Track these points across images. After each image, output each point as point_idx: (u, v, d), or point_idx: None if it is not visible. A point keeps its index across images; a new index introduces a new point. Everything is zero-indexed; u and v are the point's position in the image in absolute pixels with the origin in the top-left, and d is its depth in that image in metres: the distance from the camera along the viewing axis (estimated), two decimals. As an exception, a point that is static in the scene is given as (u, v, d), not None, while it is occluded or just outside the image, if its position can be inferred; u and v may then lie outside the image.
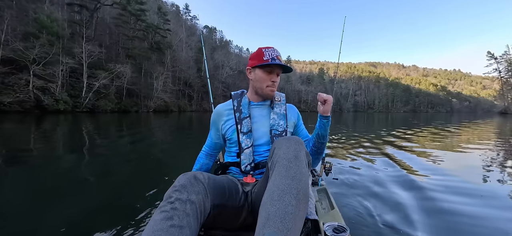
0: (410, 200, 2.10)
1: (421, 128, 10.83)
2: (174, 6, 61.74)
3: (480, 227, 1.65)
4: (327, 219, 1.17)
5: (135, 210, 1.82)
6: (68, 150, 4.69)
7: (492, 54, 63.73)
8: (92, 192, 2.38)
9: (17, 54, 18.85)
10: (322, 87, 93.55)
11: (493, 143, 5.89)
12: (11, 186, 2.52)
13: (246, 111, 1.12)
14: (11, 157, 3.84)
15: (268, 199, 0.65)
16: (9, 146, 4.78)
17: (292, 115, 1.21)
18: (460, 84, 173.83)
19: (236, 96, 1.19)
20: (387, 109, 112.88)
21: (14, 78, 18.84)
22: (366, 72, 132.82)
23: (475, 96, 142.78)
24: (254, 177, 1.04)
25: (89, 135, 6.81)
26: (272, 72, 1.12)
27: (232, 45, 79.41)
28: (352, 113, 64.87)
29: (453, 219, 1.76)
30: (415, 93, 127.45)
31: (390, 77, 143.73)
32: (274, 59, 1.09)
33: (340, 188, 2.36)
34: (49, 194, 2.29)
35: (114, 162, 3.79)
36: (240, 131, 1.09)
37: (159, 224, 0.60)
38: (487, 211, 1.90)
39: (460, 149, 5.05)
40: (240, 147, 1.07)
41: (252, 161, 1.05)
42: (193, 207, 0.66)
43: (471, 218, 1.77)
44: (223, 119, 1.17)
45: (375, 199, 2.10)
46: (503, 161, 3.88)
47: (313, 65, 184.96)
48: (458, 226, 1.66)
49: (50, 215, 1.78)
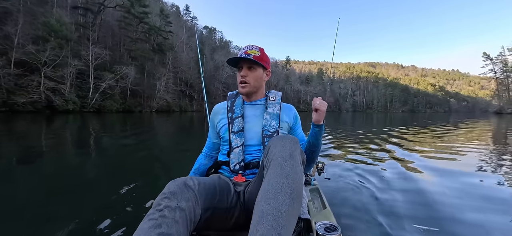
0: (402, 198, 2.14)
1: (418, 127, 11.09)
2: (174, 6, 62.73)
3: (478, 227, 1.67)
4: (319, 218, 1.19)
5: (133, 208, 1.89)
6: (80, 148, 5.02)
7: (487, 55, 64.95)
8: (100, 189, 2.51)
9: (29, 57, 19.90)
10: (321, 88, 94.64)
11: (483, 143, 6.07)
12: (24, 181, 2.68)
13: (239, 111, 1.13)
14: (26, 154, 4.13)
15: (263, 198, 0.65)
16: (25, 144, 5.18)
17: (287, 116, 1.17)
18: (459, 84, 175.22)
19: (231, 97, 1.22)
20: (386, 109, 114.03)
21: (27, 80, 19.90)
22: (365, 72, 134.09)
23: (473, 96, 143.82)
24: (244, 177, 1.04)
25: (96, 134, 7.34)
26: (242, 68, 1.12)
27: (231, 45, 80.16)
28: (351, 113, 65.74)
29: (445, 217, 1.79)
30: (414, 93, 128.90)
31: (389, 77, 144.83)
32: (242, 54, 1.10)
33: (332, 188, 2.37)
34: (57, 190, 2.45)
35: (118, 160, 3.98)
36: (231, 130, 1.10)
37: (147, 232, 0.59)
38: (480, 209, 1.93)
39: (453, 148, 5.11)
40: (231, 146, 1.08)
41: (241, 161, 1.05)
42: (183, 214, 0.66)
43: (465, 217, 1.80)
44: (219, 117, 1.19)
45: (367, 198, 2.13)
46: (495, 159, 4.02)
47: (312, 65, 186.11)
48: (450, 224, 1.68)
49: (56, 209, 1.92)
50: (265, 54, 1.15)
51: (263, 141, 1.06)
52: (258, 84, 1.15)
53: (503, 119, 21.76)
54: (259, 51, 1.12)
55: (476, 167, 3.44)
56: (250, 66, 1.11)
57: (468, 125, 13.27)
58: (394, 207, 1.95)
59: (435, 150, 4.89)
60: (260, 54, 1.12)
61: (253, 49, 1.12)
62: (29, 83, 19.97)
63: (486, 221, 1.72)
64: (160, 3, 51.25)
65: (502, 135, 8.07)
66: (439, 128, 10.68)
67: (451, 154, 4.43)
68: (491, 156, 4.31)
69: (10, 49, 19.57)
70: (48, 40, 21.80)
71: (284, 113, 1.16)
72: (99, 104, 26.03)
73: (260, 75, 1.14)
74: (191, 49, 50.28)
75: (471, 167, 3.43)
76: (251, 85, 1.12)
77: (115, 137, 6.96)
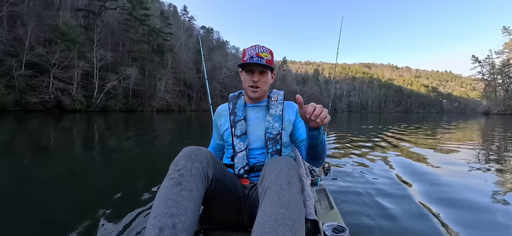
0: (410, 199, 2.11)
1: (416, 127, 11.61)
2: (171, 6, 63.56)
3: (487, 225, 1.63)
4: (327, 219, 1.18)
5: (134, 200, 1.98)
6: (88, 145, 5.42)
7: (476, 57, 67.48)
8: (105, 181, 2.70)
9: (41, 59, 21.11)
10: (317, 88, 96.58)
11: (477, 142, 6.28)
12: (37, 175, 2.85)
13: (241, 113, 1.11)
14: (38, 151, 4.43)
15: (259, 231, 0.59)
16: (41, 141, 5.57)
17: (291, 113, 1.13)
18: (451, 85, 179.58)
19: (233, 98, 1.19)
20: (380, 109, 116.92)
21: (38, 80, 21.08)
22: (360, 73, 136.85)
23: (465, 97, 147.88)
24: (249, 180, 1.05)
25: (102, 132, 7.87)
26: (253, 72, 1.07)
27: (229, 45, 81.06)
28: (346, 113, 67.30)
29: (452, 218, 1.74)
30: (407, 94, 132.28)
31: (383, 78, 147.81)
32: (252, 57, 1.04)
33: (339, 188, 2.35)
34: (66, 183, 2.62)
35: (120, 157, 4.21)
36: (234, 134, 1.08)
37: (170, 189, 0.67)
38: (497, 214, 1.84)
39: (452, 147, 5.28)
40: (234, 150, 1.07)
41: (246, 165, 1.04)
42: (198, 172, 0.73)
43: (475, 217, 1.76)
44: (222, 120, 1.17)
45: (374, 199, 2.09)
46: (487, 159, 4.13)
47: (309, 65, 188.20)
48: (459, 226, 1.62)
49: (59, 204, 2.00)
50: (273, 56, 1.11)
51: (266, 144, 1.05)
52: (267, 88, 1.13)
53: (490, 119, 22.64)
54: (269, 53, 1.07)
55: (495, 169, 3.32)
56: (262, 70, 1.08)
57: (467, 124, 14.08)
58: (403, 208, 1.90)
59: (442, 151, 4.84)
60: (270, 57, 1.07)
61: (264, 51, 1.06)
62: (40, 83, 21.15)
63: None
64: (157, 3, 52.18)
65: (490, 133, 8.66)
66: (433, 127, 11.44)
67: (452, 153, 4.55)
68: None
69: (21, 51, 20.70)
70: (57, 42, 22.97)
71: (287, 112, 1.13)
72: (103, 104, 27.24)
73: (269, 79, 1.12)
74: (189, 49, 51.20)
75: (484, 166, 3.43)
76: (262, 90, 1.09)
77: (125, 136, 7.46)
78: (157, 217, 0.62)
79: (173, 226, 0.61)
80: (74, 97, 23.55)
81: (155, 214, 0.63)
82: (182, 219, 0.63)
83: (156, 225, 0.60)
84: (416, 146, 5.49)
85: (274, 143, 1.05)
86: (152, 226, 0.60)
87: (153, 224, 0.60)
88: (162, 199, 0.65)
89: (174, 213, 0.63)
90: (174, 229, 0.60)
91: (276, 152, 1.05)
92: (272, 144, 1.05)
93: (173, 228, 0.60)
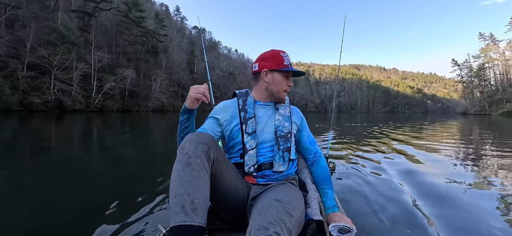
0: (417, 199, 2.09)
1: (416, 126, 12.13)
2: (163, 6, 63.94)
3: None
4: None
5: (134, 197, 2.07)
6: (89, 143, 5.59)
7: (456, 61, 71.93)
8: (105, 180, 2.81)
9: (42, 60, 21.97)
10: (308, 88, 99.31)
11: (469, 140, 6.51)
12: (36, 172, 2.91)
13: (251, 110, 1.12)
14: (41, 150, 4.52)
15: (256, 213, 0.68)
16: (43, 140, 5.71)
17: (296, 118, 1.20)
18: (435, 87, 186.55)
19: (241, 95, 1.19)
20: (368, 109, 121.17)
21: (40, 81, 21.95)
22: (350, 74, 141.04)
23: (448, 98, 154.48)
24: (255, 179, 1.06)
25: (108, 131, 8.21)
26: (288, 77, 1.15)
27: (221, 46, 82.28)
28: (336, 113, 69.18)
29: (461, 217, 1.73)
30: (394, 95, 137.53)
31: (372, 79, 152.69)
32: (291, 65, 1.14)
33: (344, 188, 2.36)
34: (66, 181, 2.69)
35: (117, 155, 4.30)
36: (245, 131, 1.08)
37: (182, 172, 0.76)
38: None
39: (451, 144, 5.51)
40: (244, 148, 1.07)
41: (255, 163, 1.05)
42: (203, 153, 0.80)
43: (486, 218, 1.73)
44: (228, 115, 1.14)
45: (380, 199, 2.08)
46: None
47: (300, 66, 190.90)
48: (468, 226, 1.61)
49: (62, 200, 2.08)
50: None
51: (277, 141, 1.08)
52: None
53: (468, 119, 23.97)
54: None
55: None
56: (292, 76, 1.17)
57: (453, 124, 14.70)
58: (410, 208, 1.89)
59: (443, 151, 4.78)
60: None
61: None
62: (42, 85, 22.01)
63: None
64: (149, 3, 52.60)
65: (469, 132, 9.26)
66: (426, 127, 12.17)
67: (452, 152, 4.63)
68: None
69: (23, 53, 21.51)
70: (57, 44, 23.83)
71: (293, 116, 1.19)
72: (101, 104, 28.12)
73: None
74: (182, 49, 52.15)
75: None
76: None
77: (124, 133, 7.91)
78: (177, 196, 0.73)
79: (191, 202, 0.72)
80: (74, 97, 24.46)
81: (175, 194, 0.73)
82: (197, 195, 0.74)
83: (178, 204, 0.71)
84: (429, 144, 5.72)
85: (285, 140, 1.09)
86: (175, 204, 0.71)
87: (175, 203, 0.72)
88: (177, 181, 0.75)
89: (190, 191, 0.73)
90: (193, 204, 0.72)
91: (286, 149, 1.08)
92: (283, 142, 1.08)
93: (192, 203, 0.72)
